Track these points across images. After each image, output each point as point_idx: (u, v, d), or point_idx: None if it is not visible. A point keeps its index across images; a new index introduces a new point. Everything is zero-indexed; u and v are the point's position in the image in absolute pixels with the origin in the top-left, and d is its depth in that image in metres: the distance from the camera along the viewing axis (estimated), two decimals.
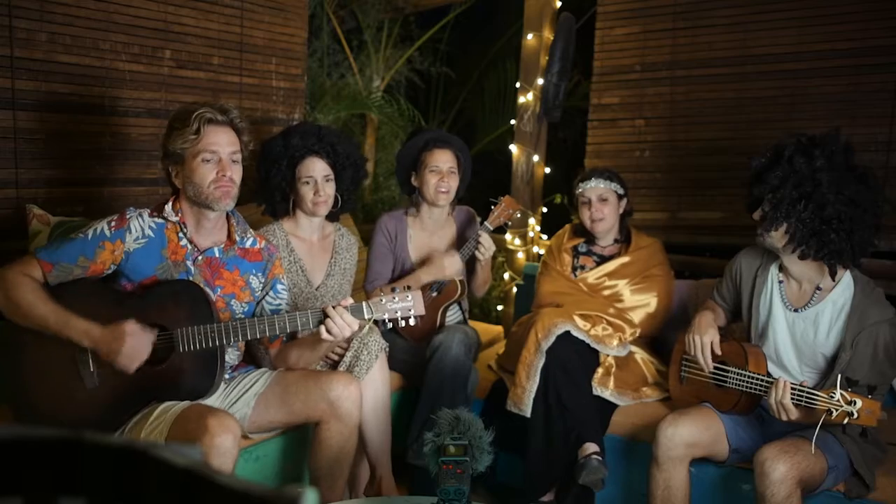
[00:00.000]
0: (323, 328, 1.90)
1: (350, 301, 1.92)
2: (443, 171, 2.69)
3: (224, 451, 1.71)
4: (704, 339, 2.24)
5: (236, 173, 1.97)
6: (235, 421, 1.80)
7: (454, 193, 2.75)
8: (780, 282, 2.21)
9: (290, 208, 2.50)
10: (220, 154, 1.93)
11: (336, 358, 2.35)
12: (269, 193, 2.48)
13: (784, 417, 1.97)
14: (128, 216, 1.96)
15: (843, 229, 2.00)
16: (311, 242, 2.53)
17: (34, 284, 1.84)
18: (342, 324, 1.89)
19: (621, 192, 2.74)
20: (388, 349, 2.38)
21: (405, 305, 1.93)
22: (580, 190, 2.73)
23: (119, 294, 1.94)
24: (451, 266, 2.66)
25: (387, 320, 1.94)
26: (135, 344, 1.79)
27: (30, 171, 2.49)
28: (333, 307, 1.90)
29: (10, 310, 1.84)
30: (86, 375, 1.86)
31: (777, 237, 2.10)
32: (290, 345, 2.16)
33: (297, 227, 2.51)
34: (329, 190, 2.43)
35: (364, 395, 2.19)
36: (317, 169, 2.41)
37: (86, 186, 2.67)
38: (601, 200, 2.70)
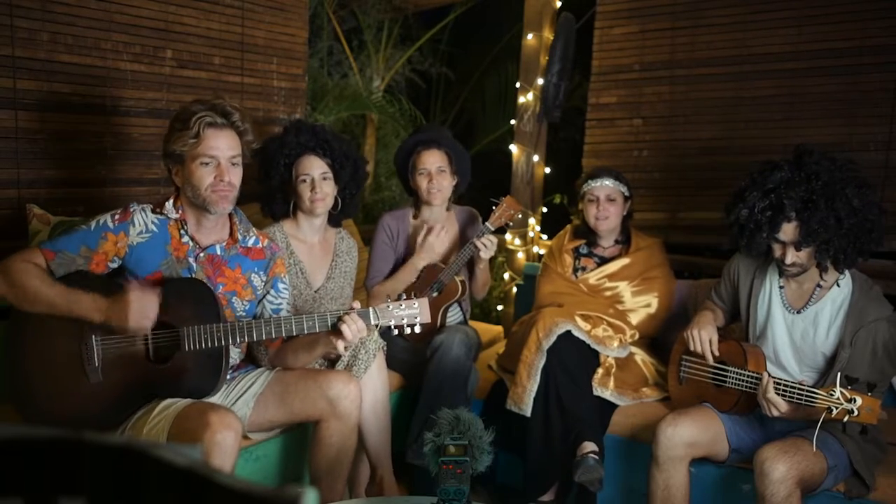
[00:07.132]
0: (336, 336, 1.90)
1: (357, 306, 1.93)
2: (431, 171, 2.70)
3: (225, 447, 1.71)
4: (703, 333, 2.24)
5: (235, 177, 1.97)
6: (237, 418, 1.80)
7: (448, 191, 2.76)
8: (781, 287, 2.20)
9: (290, 210, 2.50)
10: (219, 158, 1.93)
11: (334, 356, 2.34)
12: (270, 196, 2.49)
13: (774, 413, 1.97)
14: (131, 210, 1.97)
15: (851, 234, 1.99)
16: (312, 244, 2.54)
17: (38, 270, 1.85)
18: (355, 330, 1.90)
19: (628, 194, 2.74)
20: (385, 348, 2.38)
21: (411, 313, 1.93)
22: (588, 188, 2.72)
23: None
24: (441, 245, 2.73)
25: (392, 327, 1.95)
26: (141, 303, 1.80)
27: (31, 170, 2.50)
28: (346, 314, 1.90)
29: (16, 296, 1.84)
30: (90, 370, 1.86)
31: (804, 256, 2.05)
32: (286, 345, 2.16)
33: (297, 230, 2.52)
34: (327, 188, 2.43)
35: (363, 394, 2.18)
36: (314, 166, 2.41)
37: (87, 186, 2.67)
38: (609, 200, 2.69)
